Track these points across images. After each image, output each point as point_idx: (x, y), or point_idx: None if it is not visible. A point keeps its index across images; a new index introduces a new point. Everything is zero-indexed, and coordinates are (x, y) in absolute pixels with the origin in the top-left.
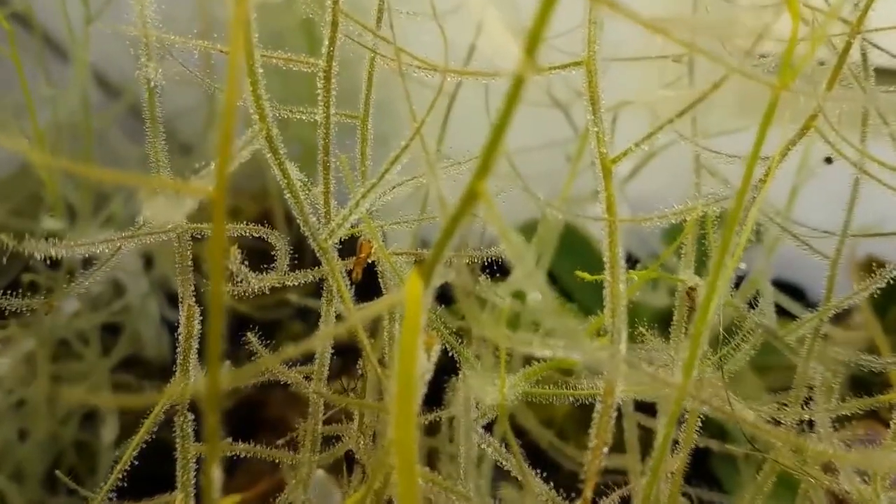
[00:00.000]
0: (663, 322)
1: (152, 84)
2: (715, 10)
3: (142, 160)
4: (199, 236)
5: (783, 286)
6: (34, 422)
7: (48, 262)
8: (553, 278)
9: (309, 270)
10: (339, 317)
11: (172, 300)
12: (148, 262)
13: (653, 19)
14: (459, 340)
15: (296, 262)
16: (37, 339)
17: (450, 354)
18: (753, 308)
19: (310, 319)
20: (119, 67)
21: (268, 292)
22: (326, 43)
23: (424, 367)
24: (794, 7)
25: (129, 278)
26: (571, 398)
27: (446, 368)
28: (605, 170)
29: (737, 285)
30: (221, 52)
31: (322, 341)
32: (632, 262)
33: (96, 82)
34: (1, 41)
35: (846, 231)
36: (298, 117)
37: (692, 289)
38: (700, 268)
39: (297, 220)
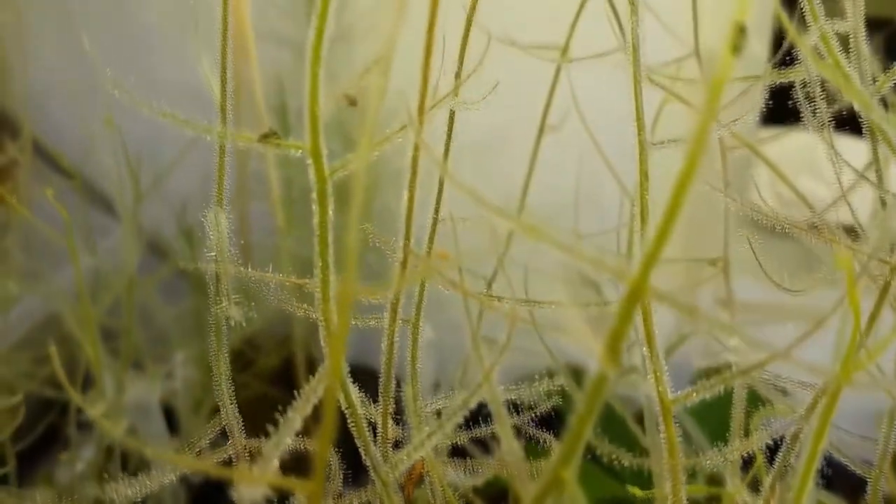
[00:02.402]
0: None
1: (232, 321)
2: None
3: (178, 320)
4: None
5: None
6: None
7: (79, 426)
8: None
9: (363, 491)
10: None
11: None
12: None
13: None
14: None
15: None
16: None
17: None
18: None
19: None
20: (168, 228)
21: None
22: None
23: None
24: None
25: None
26: None
27: None
28: (665, 409)
29: None
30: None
31: None
32: None
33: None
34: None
35: None
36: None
37: None
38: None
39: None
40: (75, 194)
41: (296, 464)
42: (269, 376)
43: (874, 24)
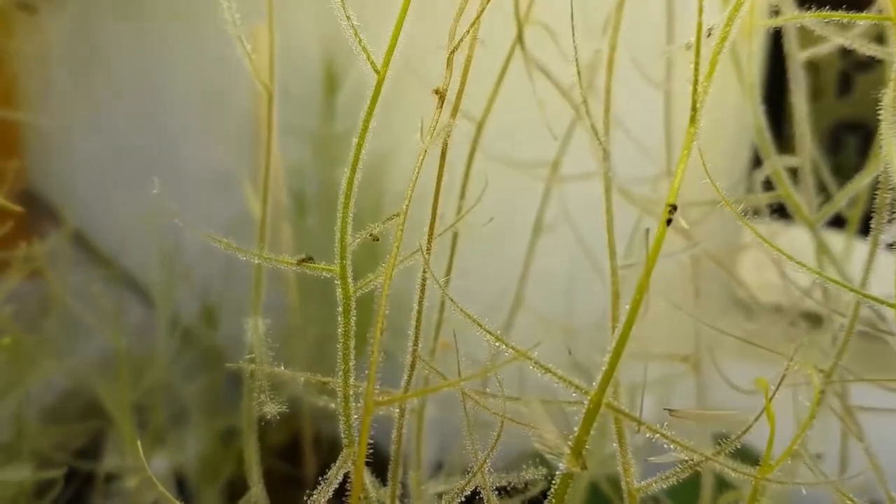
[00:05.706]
0: None
1: (269, 416)
2: None
3: (195, 397)
4: None
5: None
6: None
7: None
8: None
9: None
10: None
11: None
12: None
13: None
14: None
15: None
16: None
17: None
18: None
19: None
20: (187, 306)
21: None
22: None
23: None
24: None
25: None
26: None
27: None
28: (632, 498)
29: None
30: None
31: None
32: None
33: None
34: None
35: None
36: None
37: None
38: None
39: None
40: (110, 280)
41: None
42: (276, 451)
43: (851, 127)
